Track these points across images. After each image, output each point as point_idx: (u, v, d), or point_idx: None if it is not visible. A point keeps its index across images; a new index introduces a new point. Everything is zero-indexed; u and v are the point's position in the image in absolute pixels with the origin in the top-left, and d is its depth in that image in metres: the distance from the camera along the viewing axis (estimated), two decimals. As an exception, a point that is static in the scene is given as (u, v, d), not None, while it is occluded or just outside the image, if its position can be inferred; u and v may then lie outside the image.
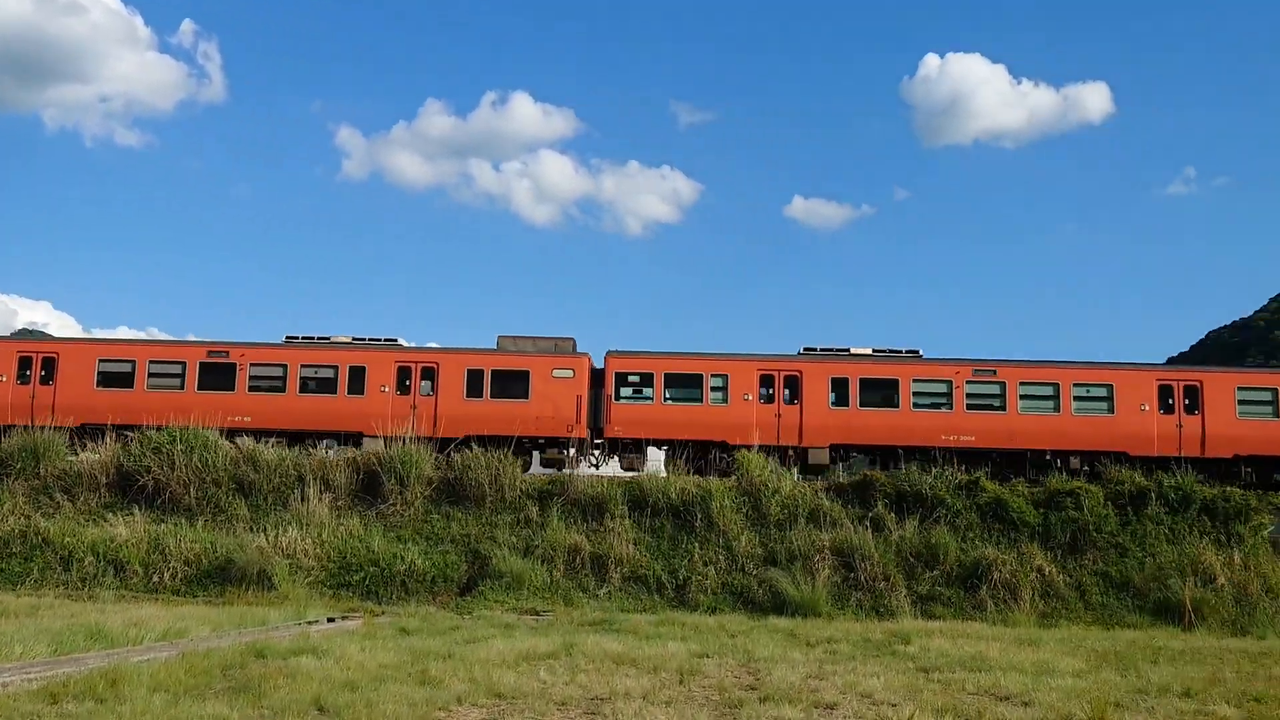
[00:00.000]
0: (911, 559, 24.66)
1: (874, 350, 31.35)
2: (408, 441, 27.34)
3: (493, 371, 30.27)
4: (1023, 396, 30.26)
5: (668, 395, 30.35)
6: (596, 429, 30.65)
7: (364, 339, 31.55)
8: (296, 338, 31.53)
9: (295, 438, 29.47)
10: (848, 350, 31.34)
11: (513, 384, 30.13)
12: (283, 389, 30.25)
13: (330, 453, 28.71)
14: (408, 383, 30.23)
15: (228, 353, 30.48)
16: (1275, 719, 11.60)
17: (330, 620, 19.25)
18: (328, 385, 30.32)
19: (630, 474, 28.06)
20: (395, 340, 31.70)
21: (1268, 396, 30.30)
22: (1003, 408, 30.16)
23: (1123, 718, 11.50)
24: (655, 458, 30.53)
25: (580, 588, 23.91)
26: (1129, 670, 15.43)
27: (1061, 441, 30.11)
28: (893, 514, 25.68)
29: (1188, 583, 23.88)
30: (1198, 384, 30.40)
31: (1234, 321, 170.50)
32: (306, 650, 14.26)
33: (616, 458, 30.39)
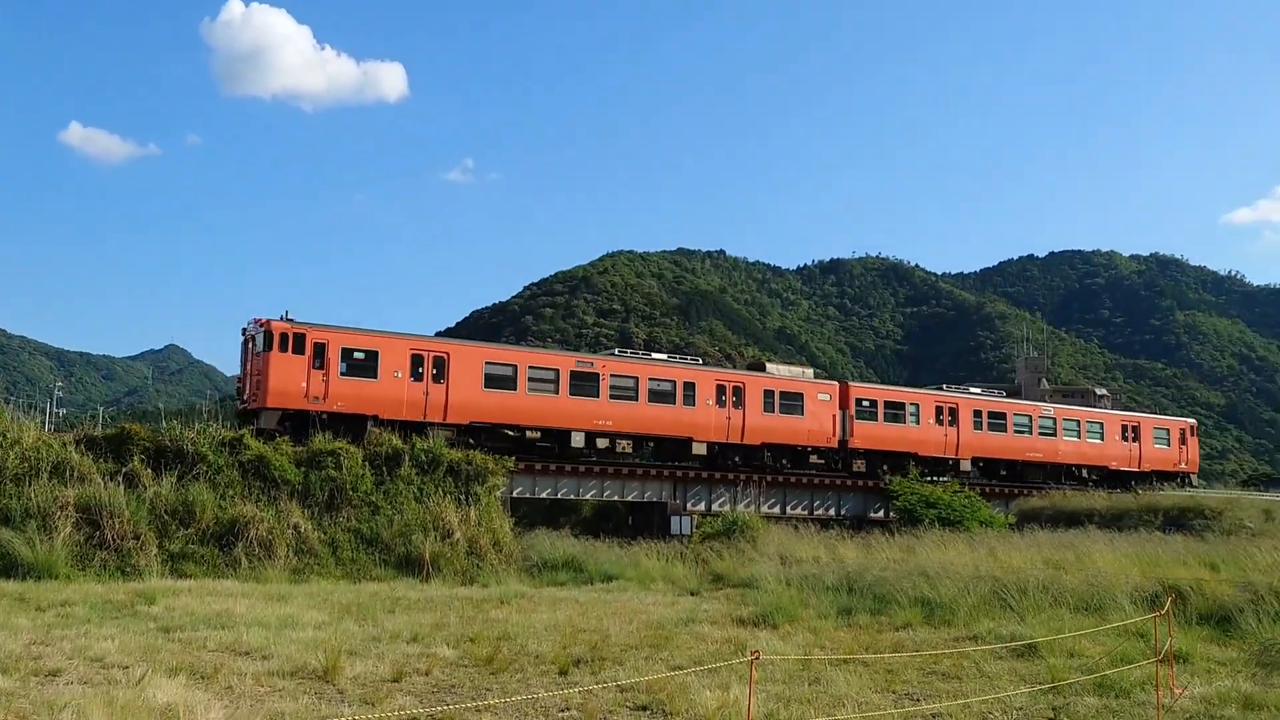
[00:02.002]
0: (166, 516, 23.73)
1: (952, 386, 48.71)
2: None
3: (780, 392, 39.04)
4: (1065, 428, 46.75)
5: (885, 417, 41.64)
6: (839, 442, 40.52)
7: (677, 356, 41.45)
8: (628, 351, 40.12)
9: (640, 440, 37.14)
10: (965, 388, 48.08)
11: (793, 403, 39.16)
12: (635, 398, 35.93)
13: None
14: (724, 398, 37.65)
15: (592, 363, 36.18)
16: (483, 655, 13.18)
17: None
18: (667, 397, 36.59)
19: None
20: (698, 359, 42.28)
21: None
22: (1054, 434, 46.32)
23: (353, 664, 12.31)
24: None
25: None
26: (368, 620, 16.51)
27: (1081, 459, 47.00)
28: (150, 470, 24.53)
29: (429, 538, 26.11)
30: (1138, 425, 49.30)
31: (494, 304, 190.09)
32: None
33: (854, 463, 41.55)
